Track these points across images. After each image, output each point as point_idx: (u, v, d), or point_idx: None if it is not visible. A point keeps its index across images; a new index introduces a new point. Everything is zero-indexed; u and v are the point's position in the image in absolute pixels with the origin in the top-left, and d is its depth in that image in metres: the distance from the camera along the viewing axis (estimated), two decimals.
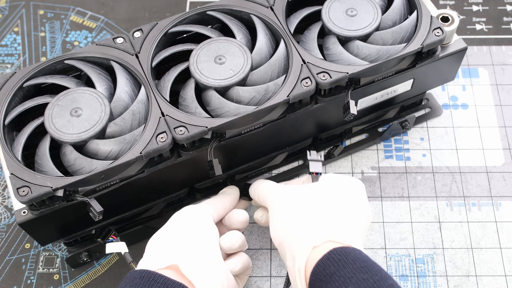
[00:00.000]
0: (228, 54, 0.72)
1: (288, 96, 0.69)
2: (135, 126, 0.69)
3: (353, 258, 0.59)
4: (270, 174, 0.86)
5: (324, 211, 0.66)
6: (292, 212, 0.67)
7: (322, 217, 0.65)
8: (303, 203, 0.67)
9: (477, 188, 0.84)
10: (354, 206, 0.68)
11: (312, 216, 0.65)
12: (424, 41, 0.72)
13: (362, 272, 0.58)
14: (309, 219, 0.65)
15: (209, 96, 0.70)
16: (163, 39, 0.75)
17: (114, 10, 1.05)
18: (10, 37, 1.02)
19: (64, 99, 0.69)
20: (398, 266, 0.79)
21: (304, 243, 0.63)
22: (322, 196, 0.68)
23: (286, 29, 0.74)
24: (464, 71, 0.95)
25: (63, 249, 0.82)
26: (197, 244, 0.66)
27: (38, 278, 0.80)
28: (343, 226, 0.65)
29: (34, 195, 0.63)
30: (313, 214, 0.66)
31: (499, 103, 0.92)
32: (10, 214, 0.85)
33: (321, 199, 0.67)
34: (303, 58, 0.72)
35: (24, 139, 0.68)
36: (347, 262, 0.59)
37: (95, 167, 0.65)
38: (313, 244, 0.62)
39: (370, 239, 0.81)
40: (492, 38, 0.99)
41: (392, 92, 0.80)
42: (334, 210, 0.66)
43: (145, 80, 0.71)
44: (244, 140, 0.72)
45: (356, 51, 0.74)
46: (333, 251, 0.60)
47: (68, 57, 0.73)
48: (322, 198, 0.68)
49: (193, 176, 0.77)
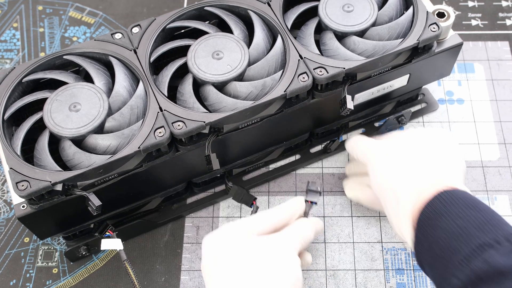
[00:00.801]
0: (226, 50, 0.72)
1: (285, 91, 0.69)
2: (134, 121, 0.69)
3: (461, 197, 0.62)
4: (267, 169, 0.86)
5: (426, 158, 0.69)
6: (395, 161, 0.69)
7: (425, 163, 0.68)
8: (405, 153, 0.70)
9: (473, 182, 0.85)
10: (452, 152, 0.71)
11: (415, 163, 0.68)
12: (420, 36, 0.72)
13: (471, 209, 0.60)
14: (413, 166, 0.68)
15: (207, 91, 0.71)
16: (161, 34, 0.75)
17: (113, 6, 1.06)
18: (9, 32, 1.02)
19: (63, 94, 0.69)
20: (394, 260, 0.79)
21: (410, 188, 0.65)
22: (423, 146, 0.71)
23: (283, 24, 0.75)
24: (459, 66, 0.96)
25: (62, 243, 0.82)
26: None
27: (37, 272, 0.80)
28: (446, 170, 0.68)
29: (33, 189, 0.63)
30: (416, 161, 0.68)
31: (494, 98, 0.92)
32: (9, 208, 0.85)
33: (422, 148, 0.70)
34: (300, 53, 0.72)
35: (23, 134, 0.68)
36: (456, 201, 0.61)
37: (93, 162, 0.66)
38: (419, 187, 0.65)
39: (366, 233, 0.81)
40: (487, 34, 0.99)
41: (388, 87, 0.80)
42: (436, 156, 0.69)
43: (143, 75, 0.71)
44: (242, 135, 0.73)
45: (353, 46, 0.75)
46: (442, 192, 0.63)
47: (66, 53, 0.73)
48: (422, 147, 0.71)
49: (191, 171, 0.77)
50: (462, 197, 0.62)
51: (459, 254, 0.57)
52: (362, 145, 0.76)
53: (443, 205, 0.61)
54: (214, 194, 0.85)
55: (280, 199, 0.84)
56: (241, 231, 0.66)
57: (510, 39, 0.98)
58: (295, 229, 0.69)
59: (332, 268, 0.79)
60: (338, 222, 0.82)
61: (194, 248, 0.81)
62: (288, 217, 0.70)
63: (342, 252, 0.80)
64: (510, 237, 0.56)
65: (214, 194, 0.85)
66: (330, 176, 0.86)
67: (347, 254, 0.80)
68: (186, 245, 0.81)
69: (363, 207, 0.83)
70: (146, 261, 0.80)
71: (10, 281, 0.79)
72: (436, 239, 0.60)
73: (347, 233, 0.81)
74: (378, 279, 0.78)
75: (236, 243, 0.65)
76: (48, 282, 0.79)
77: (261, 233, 0.67)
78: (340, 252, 0.80)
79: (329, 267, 0.79)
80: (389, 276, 0.78)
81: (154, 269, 0.80)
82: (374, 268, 0.79)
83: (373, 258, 0.79)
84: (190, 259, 0.80)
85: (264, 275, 0.63)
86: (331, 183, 0.85)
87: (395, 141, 0.73)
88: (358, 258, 0.79)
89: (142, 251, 0.81)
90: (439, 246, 0.59)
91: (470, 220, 0.59)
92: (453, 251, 0.58)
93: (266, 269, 0.63)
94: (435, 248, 0.60)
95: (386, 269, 0.78)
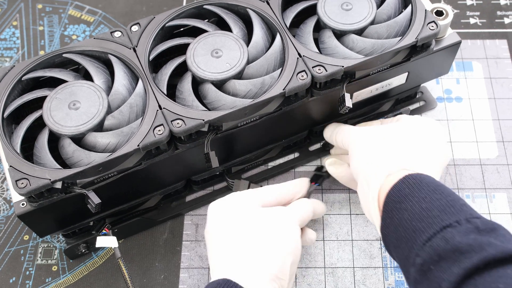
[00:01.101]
0: (225, 48, 0.72)
1: (284, 89, 0.69)
2: (133, 119, 0.69)
3: (427, 182, 0.63)
4: (266, 167, 0.87)
5: (400, 144, 0.70)
6: (370, 146, 0.71)
7: (398, 149, 0.69)
8: (381, 139, 0.71)
9: (471, 180, 0.85)
10: (431, 141, 0.72)
11: (388, 149, 0.69)
12: (419, 35, 0.73)
13: (436, 193, 0.61)
14: (385, 151, 0.69)
15: (206, 89, 0.71)
16: (160, 33, 0.75)
17: (112, 4, 1.06)
18: (9, 31, 1.03)
19: (63, 92, 0.69)
20: None
21: (379, 171, 0.67)
22: (400, 133, 0.72)
23: (282, 23, 0.75)
24: (458, 65, 0.96)
25: (61, 240, 0.82)
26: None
27: (37, 270, 0.80)
28: (419, 158, 0.69)
29: (32, 187, 0.63)
30: (389, 147, 0.70)
31: (492, 96, 0.93)
32: (9, 206, 0.85)
33: (399, 135, 0.72)
34: (299, 51, 0.72)
35: (23, 132, 0.68)
36: (421, 185, 0.63)
37: (93, 160, 0.66)
38: (388, 171, 0.66)
39: (365, 230, 0.81)
40: (485, 32, 0.99)
41: (387, 85, 0.80)
42: (411, 144, 0.70)
43: (142, 73, 0.71)
44: (241, 133, 0.73)
45: (351, 44, 0.75)
46: (408, 176, 0.64)
47: (66, 51, 0.73)
48: (400, 134, 0.72)
49: (190, 169, 0.78)
50: (427, 181, 0.63)
51: (423, 234, 0.59)
52: (343, 132, 0.77)
53: (408, 188, 0.63)
54: (213, 192, 0.85)
55: None
56: (246, 201, 0.71)
57: (508, 37, 0.98)
58: (296, 205, 0.74)
59: (331, 265, 0.79)
60: (337, 220, 0.82)
61: (193, 246, 0.81)
62: (292, 193, 0.75)
63: (341, 249, 0.80)
64: (470, 219, 0.58)
65: (213, 192, 0.85)
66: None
67: (345, 252, 0.80)
68: (185, 242, 0.82)
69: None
70: (145, 258, 0.80)
71: (10, 279, 0.79)
72: (401, 221, 0.62)
73: (345, 230, 0.82)
74: (377, 277, 0.78)
75: (240, 211, 0.70)
76: (47, 279, 0.79)
77: (265, 205, 0.72)
78: (339, 249, 0.80)
79: (327, 265, 0.79)
80: (388, 273, 0.78)
81: (153, 266, 0.80)
82: (373, 266, 0.79)
83: (372, 256, 0.79)
84: (189, 256, 0.80)
85: (264, 241, 0.67)
86: (330, 181, 0.85)
87: (376, 128, 0.74)
88: (356, 255, 0.80)
89: (141, 248, 0.81)
90: (403, 228, 0.61)
91: (434, 203, 0.60)
92: (417, 232, 0.60)
93: (267, 235, 0.67)
94: (400, 230, 0.62)
95: (384, 266, 0.79)
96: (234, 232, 0.68)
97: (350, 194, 0.84)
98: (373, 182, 0.67)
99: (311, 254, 0.80)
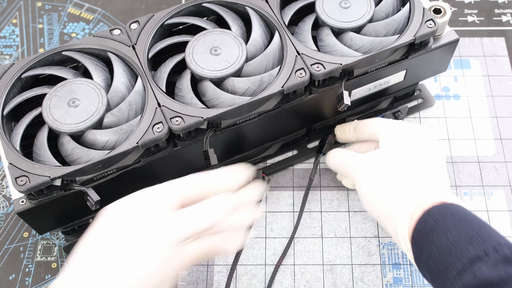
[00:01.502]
0: (224, 46, 0.72)
1: (282, 87, 0.69)
2: (132, 116, 0.70)
3: (451, 211, 0.62)
4: (265, 164, 0.87)
5: (410, 173, 0.69)
6: (381, 179, 0.70)
7: (411, 180, 0.68)
8: (389, 168, 0.70)
9: (469, 177, 0.86)
10: (433, 157, 0.71)
11: (401, 181, 0.68)
12: (417, 32, 0.73)
13: (460, 222, 0.61)
14: (399, 184, 0.68)
15: (205, 87, 0.71)
16: (159, 30, 0.75)
17: (111, 2, 1.06)
18: (9, 28, 1.03)
19: (62, 90, 0.69)
20: (391, 254, 0.80)
21: (401, 212, 0.66)
22: (405, 157, 0.71)
23: (280, 20, 0.75)
24: (456, 62, 0.96)
25: (60, 237, 0.82)
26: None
27: (36, 267, 0.80)
28: (433, 184, 0.68)
29: (32, 184, 0.63)
30: (401, 179, 0.69)
31: (490, 93, 0.93)
32: (8, 203, 0.86)
33: (404, 160, 0.70)
34: (297, 49, 0.72)
35: (22, 129, 0.68)
36: (446, 215, 0.62)
37: (92, 157, 0.66)
38: (410, 211, 0.65)
39: (363, 228, 0.82)
40: (483, 30, 1.00)
41: (385, 83, 0.80)
42: (420, 169, 0.69)
43: (141, 71, 0.71)
44: (239, 130, 0.73)
45: (350, 42, 0.75)
46: (431, 208, 0.63)
47: (65, 49, 0.73)
48: (405, 159, 0.70)
49: (189, 166, 0.78)
50: (451, 210, 0.62)
51: (453, 269, 0.58)
52: (345, 160, 0.77)
53: (434, 221, 0.62)
54: None
55: (277, 194, 0.85)
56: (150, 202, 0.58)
57: (506, 35, 0.99)
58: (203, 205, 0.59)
59: (329, 262, 0.79)
60: (335, 217, 0.83)
61: None
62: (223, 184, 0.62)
63: (339, 246, 0.80)
64: (498, 247, 0.57)
65: None
66: (327, 171, 0.86)
67: (344, 249, 0.80)
68: None
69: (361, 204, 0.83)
70: None
71: (9, 276, 0.80)
72: (431, 256, 0.61)
73: (344, 228, 0.82)
74: (375, 274, 0.78)
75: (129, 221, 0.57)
76: (47, 276, 0.80)
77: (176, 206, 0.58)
78: (337, 246, 0.80)
79: (326, 262, 0.79)
80: (386, 270, 0.78)
81: None
82: (371, 263, 0.79)
83: (370, 253, 0.80)
84: None
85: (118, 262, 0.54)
86: (328, 178, 0.85)
87: (378, 155, 0.73)
88: (355, 252, 0.80)
89: None
90: (434, 262, 0.60)
91: (460, 234, 0.59)
92: (447, 267, 0.59)
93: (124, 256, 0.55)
94: (431, 264, 0.61)
95: (383, 263, 0.79)
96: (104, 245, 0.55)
97: (348, 192, 0.85)
98: (398, 221, 0.66)
99: (309, 251, 0.80)
